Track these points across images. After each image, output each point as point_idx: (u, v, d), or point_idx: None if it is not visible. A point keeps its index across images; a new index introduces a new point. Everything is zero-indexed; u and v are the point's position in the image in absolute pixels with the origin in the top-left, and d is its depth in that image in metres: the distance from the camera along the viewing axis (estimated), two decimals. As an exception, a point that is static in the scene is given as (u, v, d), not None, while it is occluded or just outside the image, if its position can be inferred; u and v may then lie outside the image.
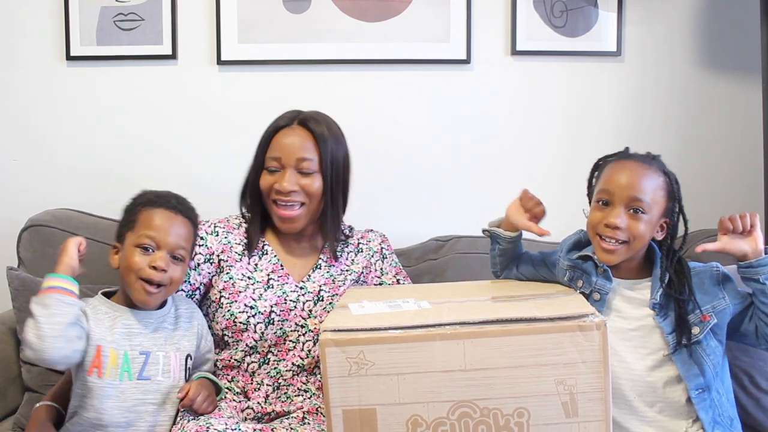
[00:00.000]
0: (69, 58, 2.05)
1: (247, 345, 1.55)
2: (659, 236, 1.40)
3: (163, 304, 1.48)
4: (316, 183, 1.58)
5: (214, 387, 1.49)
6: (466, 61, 2.07)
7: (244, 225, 1.67)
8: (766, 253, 1.34)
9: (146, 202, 1.46)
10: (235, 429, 1.33)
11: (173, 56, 2.06)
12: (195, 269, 1.58)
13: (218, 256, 1.61)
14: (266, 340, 1.55)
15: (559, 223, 1.46)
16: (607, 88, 2.10)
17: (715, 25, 2.08)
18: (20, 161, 2.08)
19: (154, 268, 1.39)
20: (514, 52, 2.08)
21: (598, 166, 1.45)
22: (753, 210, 1.37)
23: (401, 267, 1.75)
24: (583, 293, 1.39)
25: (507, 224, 1.49)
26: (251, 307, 1.55)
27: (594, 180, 1.45)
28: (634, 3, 2.07)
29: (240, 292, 1.56)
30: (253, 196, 1.64)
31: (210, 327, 1.57)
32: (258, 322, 1.54)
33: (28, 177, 2.08)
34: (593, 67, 2.09)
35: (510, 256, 1.54)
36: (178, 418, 1.42)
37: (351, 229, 1.73)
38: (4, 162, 2.08)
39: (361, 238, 1.71)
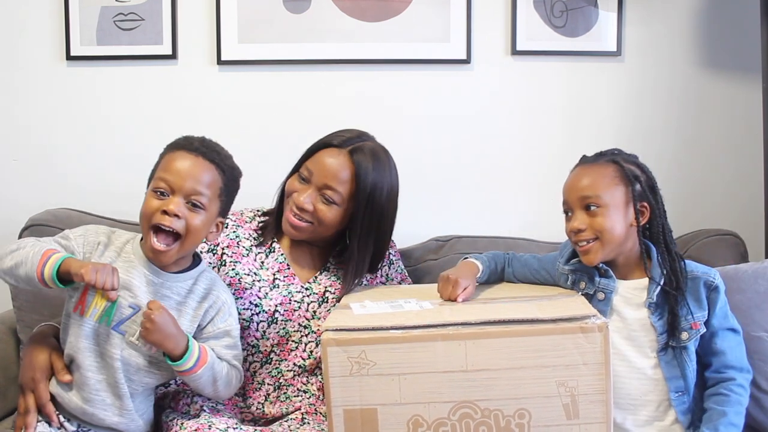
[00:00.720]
0: (69, 58, 2.04)
1: (248, 343, 1.54)
2: (642, 220, 1.38)
3: (188, 270, 1.39)
4: (331, 213, 1.53)
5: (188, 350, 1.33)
6: (466, 61, 2.07)
7: (258, 218, 1.66)
8: None
9: (171, 146, 1.39)
10: (237, 429, 1.34)
11: (173, 56, 2.06)
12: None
13: (222, 249, 1.59)
14: (268, 339, 1.55)
15: (559, 225, 1.46)
16: (607, 88, 2.10)
17: (715, 25, 2.08)
18: (20, 161, 2.08)
19: (167, 214, 1.29)
20: (514, 52, 2.07)
21: None
22: (753, 210, 1.36)
23: (407, 273, 1.75)
24: (586, 294, 1.39)
25: None
26: (256, 305, 1.54)
27: None
28: (634, 3, 2.07)
29: (246, 289, 1.55)
30: (282, 192, 1.62)
31: None
32: (261, 321, 1.54)
33: (28, 177, 2.08)
34: (593, 67, 2.09)
35: (495, 277, 1.55)
36: (178, 418, 1.41)
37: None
38: (4, 162, 2.07)
39: None
